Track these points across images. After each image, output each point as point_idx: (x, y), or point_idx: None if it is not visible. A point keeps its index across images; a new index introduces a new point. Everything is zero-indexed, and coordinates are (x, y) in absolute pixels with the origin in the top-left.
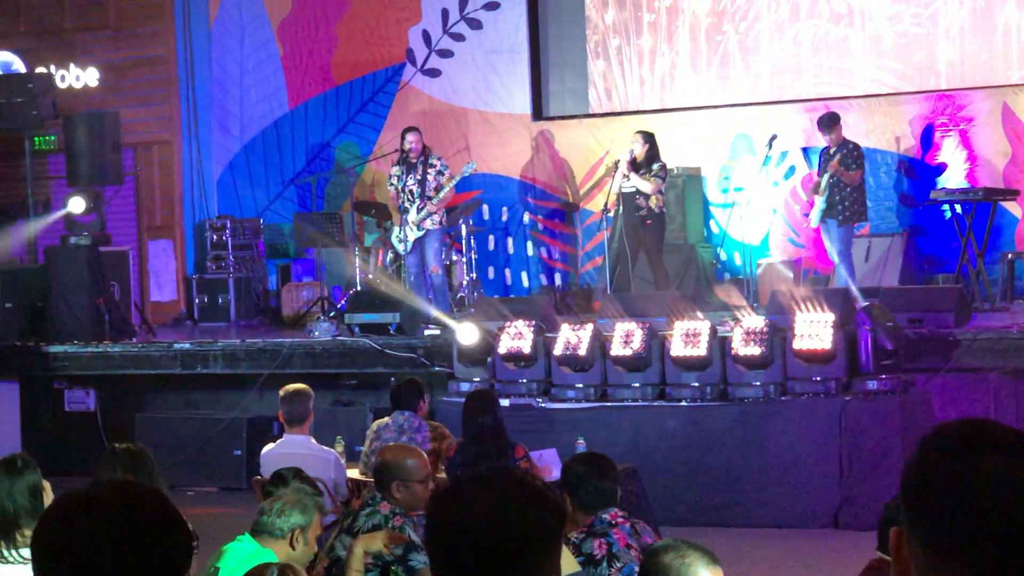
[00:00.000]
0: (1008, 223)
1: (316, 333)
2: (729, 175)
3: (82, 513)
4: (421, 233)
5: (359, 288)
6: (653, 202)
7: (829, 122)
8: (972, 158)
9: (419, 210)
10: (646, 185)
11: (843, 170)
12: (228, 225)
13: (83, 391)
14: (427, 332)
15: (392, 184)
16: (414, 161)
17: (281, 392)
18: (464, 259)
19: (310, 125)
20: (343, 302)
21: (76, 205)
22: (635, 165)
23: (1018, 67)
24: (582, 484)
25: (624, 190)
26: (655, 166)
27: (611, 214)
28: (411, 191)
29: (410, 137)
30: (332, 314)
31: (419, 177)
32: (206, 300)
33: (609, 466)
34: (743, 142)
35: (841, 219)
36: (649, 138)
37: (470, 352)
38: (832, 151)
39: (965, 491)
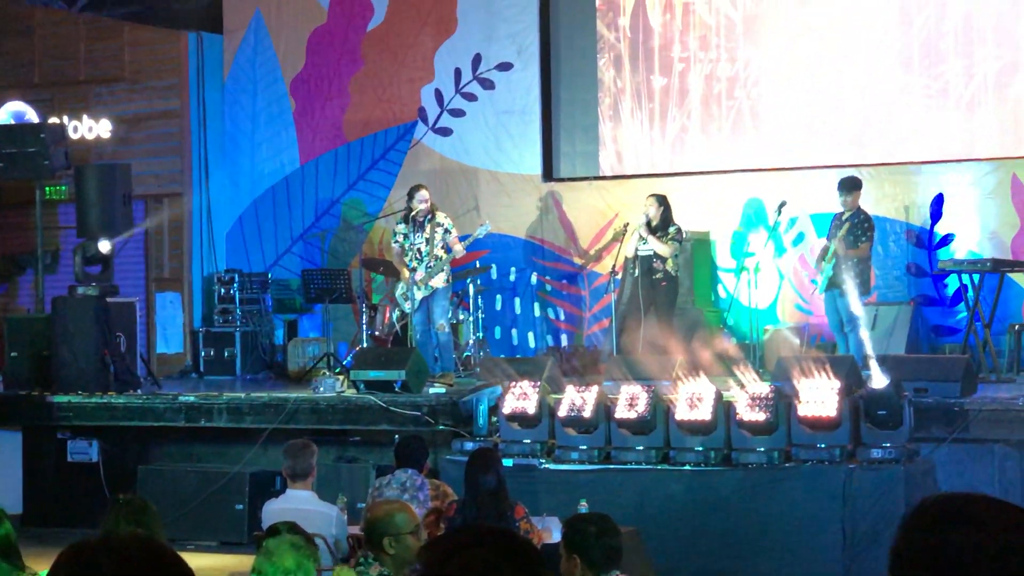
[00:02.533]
0: (1016, 294)
1: (321, 389)
2: (738, 240)
3: (105, 559)
4: (428, 292)
5: (365, 345)
6: (669, 265)
7: (850, 186)
8: (980, 229)
9: (427, 269)
10: (665, 248)
11: (844, 247)
12: (236, 279)
13: (86, 442)
14: (432, 390)
15: (397, 241)
16: (421, 220)
17: (285, 447)
18: (471, 318)
19: (320, 181)
20: (349, 358)
21: (103, 246)
22: (650, 228)
23: None
24: (593, 543)
25: (641, 253)
26: (671, 229)
27: (618, 276)
28: (419, 250)
29: (419, 195)
30: (338, 370)
31: (427, 236)
32: (212, 353)
33: (615, 526)
34: (753, 207)
35: (847, 288)
36: (663, 201)
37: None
38: (844, 217)
39: (939, 564)
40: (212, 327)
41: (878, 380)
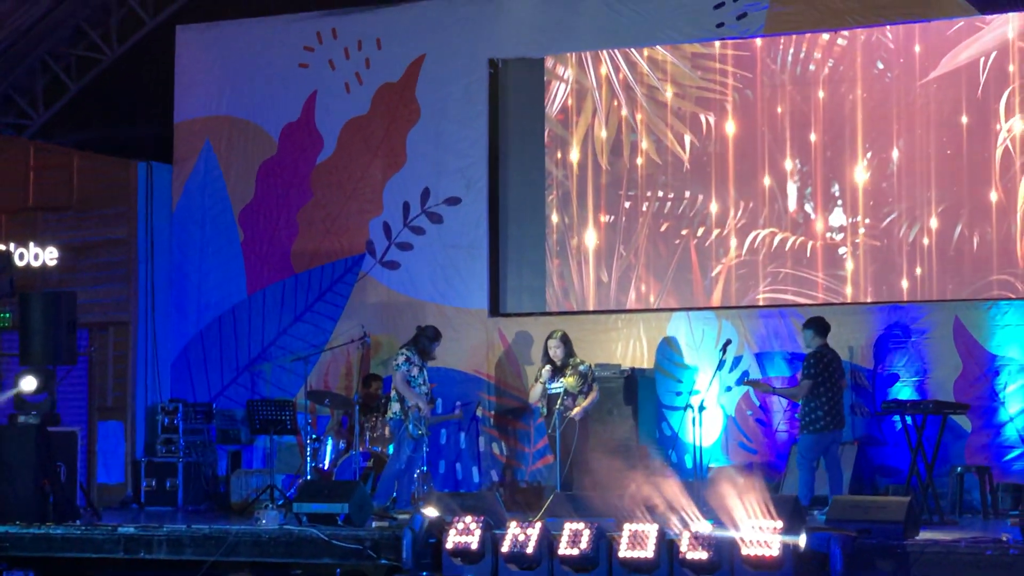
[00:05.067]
0: (958, 437)
1: (263, 521)
2: (683, 378)
3: None
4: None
5: (308, 477)
6: (580, 402)
7: (804, 325)
8: (923, 371)
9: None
10: (590, 399)
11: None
12: (180, 409)
13: (23, 573)
14: (376, 524)
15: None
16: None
17: None
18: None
19: (267, 312)
20: (292, 491)
21: (27, 384)
22: (557, 368)
23: (970, 282)
24: None
25: (552, 391)
26: (583, 368)
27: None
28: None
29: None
30: (281, 502)
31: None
32: (154, 484)
33: None
34: (697, 345)
35: (799, 427)
36: (565, 338)
37: (428, 527)
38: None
39: None
40: (155, 457)
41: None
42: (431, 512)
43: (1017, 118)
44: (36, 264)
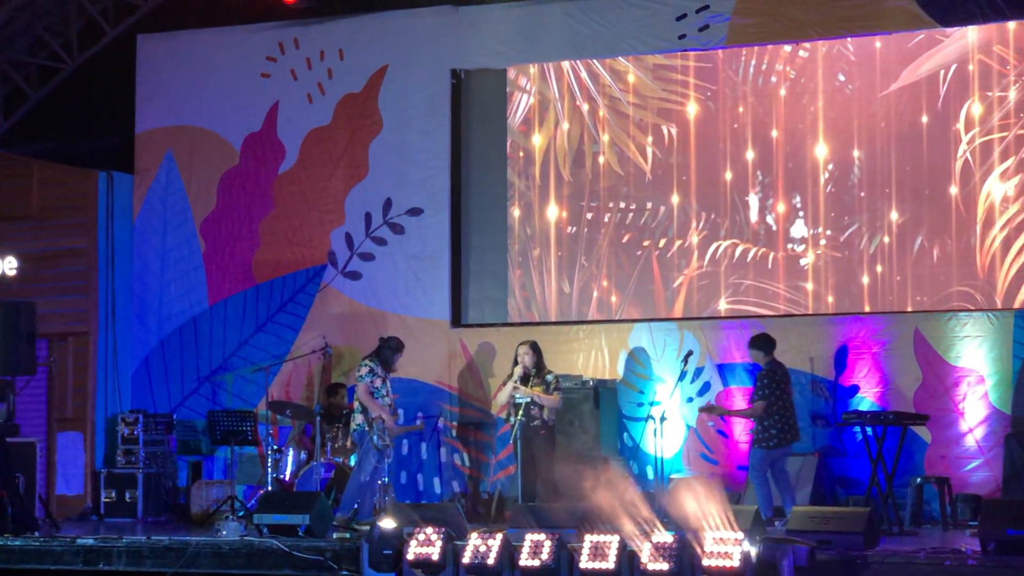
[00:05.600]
0: (918, 448)
1: (224, 532)
2: (644, 388)
3: None
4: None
5: (270, 488)
6: (546, 413)
7: (749, 344)
8: (884, 382)
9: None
10: (551, 400)
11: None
12: (140, 420)
13: None
14: (336, 535)
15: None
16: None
17: None
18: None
19: (229, 322)
20: (253, 502)
21: None
22: (526, 377)
23: (931, 294)
24: None
25: (518, 400)
26: (549, 378)
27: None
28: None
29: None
30: (241, 513)
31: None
32: (114, 495)
33: None
34: (659, 356)
35: (752, 441)
36: (536, 348)
37: (387, 539)
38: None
39: None
40: (114, 468)
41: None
42: (388, 524)
43: (977, 130)
44: None
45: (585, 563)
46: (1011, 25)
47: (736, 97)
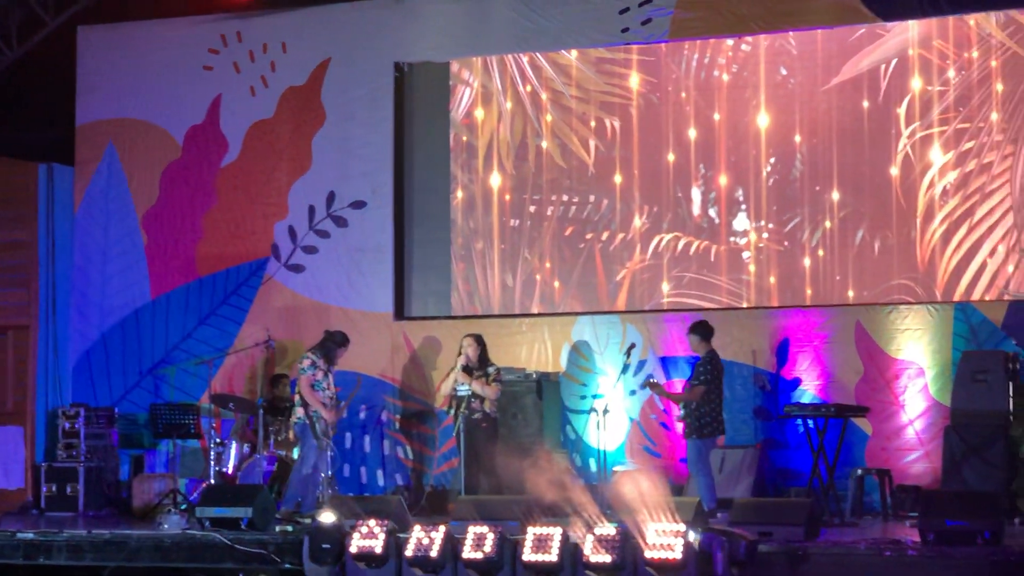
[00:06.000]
0: (859, 440)
1: (165, 526)
2: (587, 381)
3: None
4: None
5: (212, 481)
6: (487, 405)
7: (689, 329)
8: (825, 374)
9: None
10: (490, 390)
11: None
12: (82, 413)
13: None
14: (279, 528)
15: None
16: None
17: None
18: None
19: (171, 315)
20: (195, 495)
21: None
22: (469, 369)
23: (872, 287)
24: None
25: (459, 393)
26: (491, 370)
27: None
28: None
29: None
30: (184, 507)
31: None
32: (55, 489)
33: None
34: (602, 349)
35: (688, 432)
36: (480, 340)
37: (326, 533)
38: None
39: None
40: (55, 462)
41: (326, 516)
42: (326, 519)
43: (917, 124)
44: None
45: (528, 555)
46: (950, 19)
47: (679, 90)
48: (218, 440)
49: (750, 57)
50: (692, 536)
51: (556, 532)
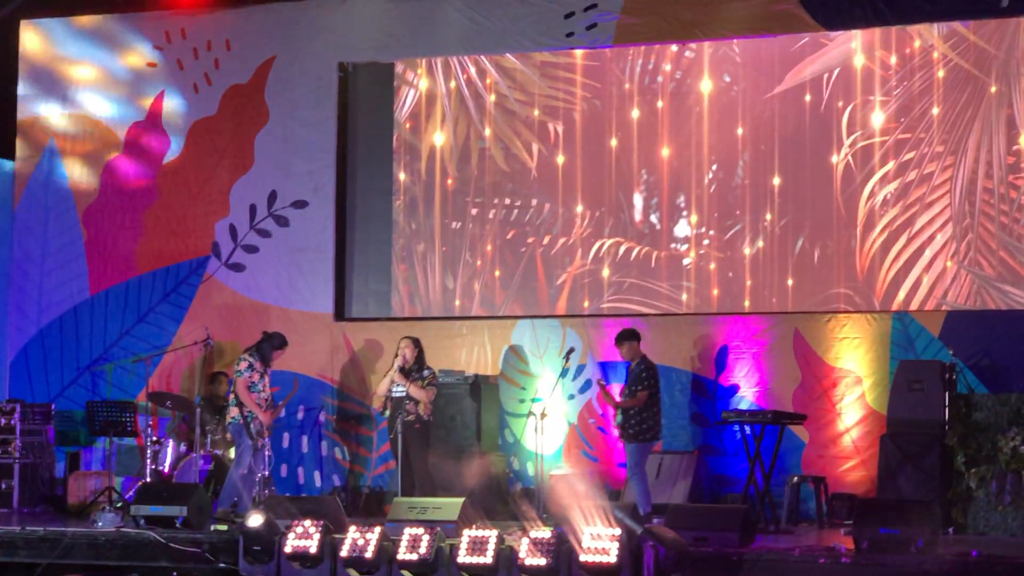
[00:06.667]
0: (795, 447)
1: (100, 524)
2: (526, 385)
3: None
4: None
5: (148, 480)
6: (422, 409)
7: (618, 338)
8: (763, 381)
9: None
10: (423, 393)
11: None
12: (18, 409)
13: None
14: (214, 527)
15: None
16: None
17: None
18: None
19: (110, 312)
20: (131, 493)
21: None
22: (405, 371)
23: (811, 295)
24: None
25: (395, 394)
26: (427, 373)
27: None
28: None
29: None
30: (119, 505)
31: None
32: None
33: None
34: (542, 353)
35: (628, 437)
36: (417, 343)
37: (255, 535)
38: (630, 368)
39: None
40: None
41: (254, 519)
42: (254, 521)
43: (859, 134)
44: None
45: (463, 558)
46: (893, 30)
47: (623, 96)
48: (155, 438)
49: (694, 64)
50: (628, 542)
51: (491, 535)
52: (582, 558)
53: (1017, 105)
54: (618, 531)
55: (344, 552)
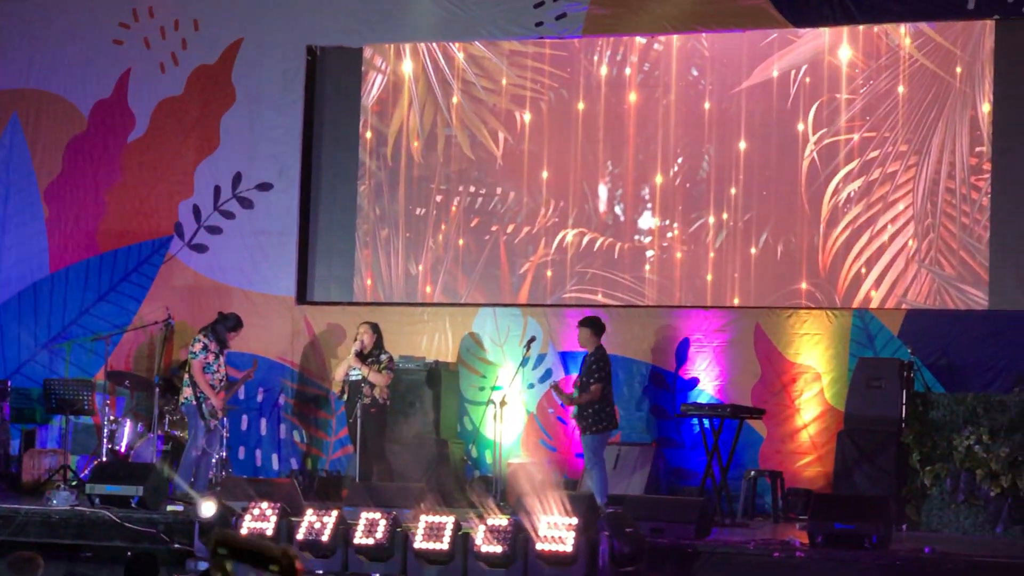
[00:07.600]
0: (753, 441)
1: (54, 502)
2: (486, 373)
3: None
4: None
5: (104, 459)
6: (378, 392)
7: (581, 322)
8: (723, 375)
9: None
10: (380, 377)
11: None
12: None
13: None
14: (170, 508)
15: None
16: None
17: (8, 559)
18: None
19: (70, 290)
20: (86, 472)
21: None
22: (362, 355)
23: (772, 290)
24: None
25: (352, 378)
26: (384, 357)
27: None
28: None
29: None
30: (74, 483)
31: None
32: None
33: None
34: (503, 341)
35: (584, 427)
36: (376, 328)
37: (208, 526)
38: (587, 357)
39: None
40: None
41: (207, 508)
42: (206, 511)
43: (824, 131)
44: None
45: (419, 543)
46: (861, 29)
47: (590, 86)
48: (112, 417)
49: (662, 56)
50: (585, 532)
51: (448, 521)
52: (538, 547)
53: (980, 107)
54: (575, 520)
55: (300, 535)
